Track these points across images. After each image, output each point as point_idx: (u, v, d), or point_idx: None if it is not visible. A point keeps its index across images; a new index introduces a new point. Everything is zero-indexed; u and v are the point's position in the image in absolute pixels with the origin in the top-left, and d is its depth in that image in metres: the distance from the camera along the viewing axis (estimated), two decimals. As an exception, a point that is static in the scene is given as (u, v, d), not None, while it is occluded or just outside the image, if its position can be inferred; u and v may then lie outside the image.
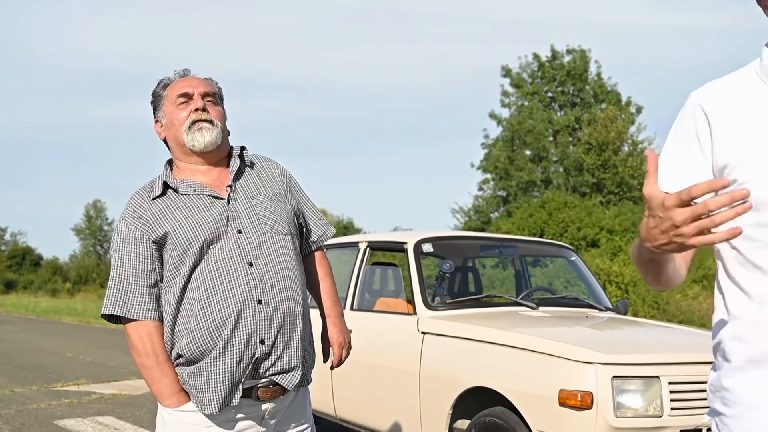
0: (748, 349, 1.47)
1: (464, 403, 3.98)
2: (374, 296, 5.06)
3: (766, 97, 1.50)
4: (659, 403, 3.44)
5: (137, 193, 2.27)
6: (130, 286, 2.18)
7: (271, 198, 2.30)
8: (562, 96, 32.30)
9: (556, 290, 5.83)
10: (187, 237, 2.15)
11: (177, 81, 2.31)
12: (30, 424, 6.51)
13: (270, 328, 2.16)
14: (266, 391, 2.18)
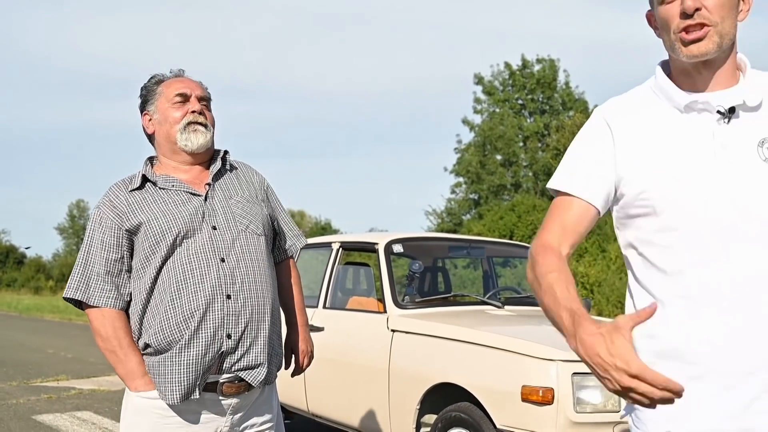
0: (656, 344, 1.54)
1: (431, 399, 3.98)
2: (346, 295, 5.06)
3: (660, 112, 1.57)
4: (617, 399, 3.46)
5: (116, 184, 2.27)
6: (93, 273, 2.17)
7: (248, 200, 2.31)
8: (532, 103, 32.52)
9: (523, 290, 5.85)
10: (161, 228, 2.14)
11: (173, 80, 2.30)
12: (8, 418, 6.44)
13: (238, 323, 2.15)
14: (231, 387, 2.17)
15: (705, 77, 1.54)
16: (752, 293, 1.49)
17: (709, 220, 1.50)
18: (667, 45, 1.54)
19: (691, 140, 1.52)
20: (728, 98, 1.53)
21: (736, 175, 1.50)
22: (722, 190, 1.50)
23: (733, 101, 1.51)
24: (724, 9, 1.47)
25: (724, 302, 1.49)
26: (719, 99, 1.53)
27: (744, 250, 1.49)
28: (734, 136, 1.51)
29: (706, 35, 1.46)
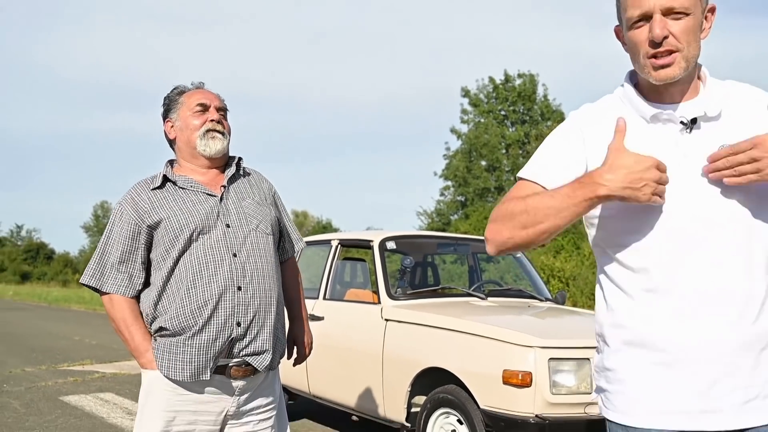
0: (625, 334, 1.55)
1: (421, 382, 3.98)
2: (344, 287, 5.06)
3: (636, 128, 1.55)
4: (589, 382, 3.46)
5: (138, 183, 2.27)
6: (108, 263, 2.18)
7: (258, 202, 2.31)
8: (514, 114, 32.54)
9: (504, 283, 5.85)
10: (180, 224, 2.15)
11: (194, 91, 2.31)
12: (38, 399, 6.42)
13: (247, 312, 2.15)
14: (239, 370, 2.17)
15: (670, 92, 1.54)
16: (713, 290, 1.49)
17: (673, 224, 1.50)
18: (636, 66, 1.53)
19: (656, 149, 1.50)
20: (690, 110, 1.52)
21: (698, 182, 1.49)
22: (685, 196, 1.49)
23: (695, 113, 1.51)
24: (690, 35, 1.46)
25: (687, 296, 1.49)
26: (682, 111, 1.53)
27: (706, 252, 1.48)
28: (696, 145, 1.50)
29: (674, 61, 1.45)
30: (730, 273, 1.49)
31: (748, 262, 1.49)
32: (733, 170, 1.39)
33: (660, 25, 1.43)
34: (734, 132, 1.50)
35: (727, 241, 1.49)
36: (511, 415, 3.41)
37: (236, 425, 2.24)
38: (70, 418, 5.64)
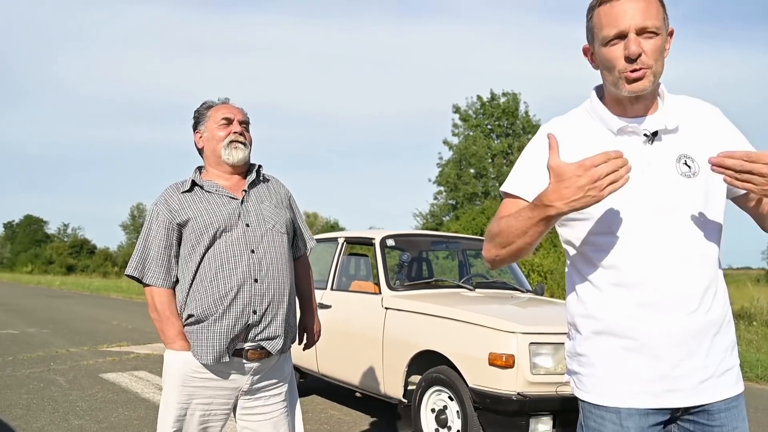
0: (595, 324, 1.55)
1: (417, 363, 3.97)
2: (349, 279, 5.04)
3: (596, 133, 1.56)
4: (565, 364, 3.44)
5: (170, 186, 2.26)
6: (148, 256, 2.17)
7: (275, 205, 2.29)
8: (499, 128, 32.48)
9: (490, 276, 5.82)
10: (205, 224, 2.14)
11: (220, 106, 2.30)
12: (81, 376, 6.41)
13: (262, 302, 2.14)
14: (254, 353, 2.15)
15: (635, 106, 1.53)
16: (675, 285, 1.49)
17: (638, 226, 1.50)
18: (609, 81, 1.51)
19: None
20: (652, 123, 1.52)
21: (660, 188, 1.49)
22: (649, 201, 1.49)
23: (656, 126, 1.51)
24: (657, 53, 1.45)
25: (652, 290, 1.49)
26: (645, 124, 1.52)
27: (668, 251, 1.49)
28: (657, 155, 1.51)
29: (644, 75, 1.45)
30: (689, 269, 1.49)
31: (704, 259, 1.50)
32: (737, 174, 1.36)
33: (635, 43, 1.42)
34: (690, 143, 1.51)
35: (686, 241, 1.49)
36: (495, 393, 3.39)
37: (249, 400, 2.23)
38: (108, 393, 5.63)
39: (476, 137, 31.77)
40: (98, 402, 5.22)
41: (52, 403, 5.13)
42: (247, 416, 2.24)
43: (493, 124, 32.52)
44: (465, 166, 31.51)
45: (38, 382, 6.05)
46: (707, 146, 1.50)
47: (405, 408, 4.03)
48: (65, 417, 4.69)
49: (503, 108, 32.21)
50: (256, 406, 2.23)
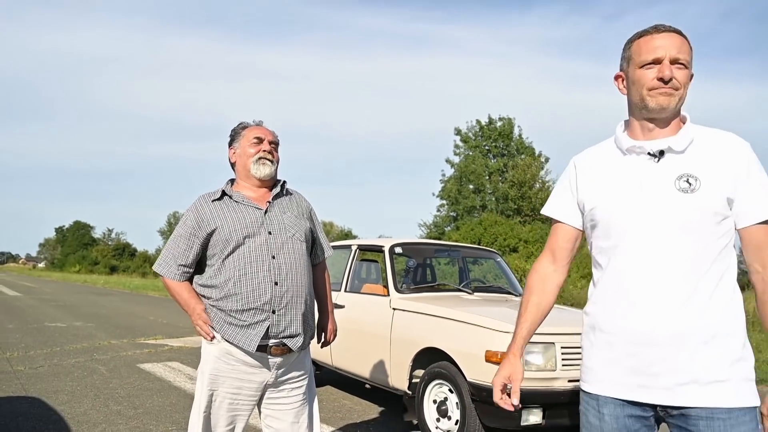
0: (589, 320, 1.62)
1: (420, 359, 3.93)
2: (361, 282, 5.02)
3: (610, 154, 1.62)
4: (554, 361, 3.40)
5: (202, 196, 2.26)
6: (173, 256, 2.18)
7: (297, 216, 2.28)
8: (495, 149, 32.45)
9: (487, 281, 5.78)
10: (231, 230, 2.13)
11: (254, 127, 2.30)
12: (120, 366, 6.40)
13: (281, 302, 2.12)
14: (277, 349, 2.14)
15: (653, 131, 1.56)
16: (655, 290, 1.47)
17: (632, 233, 1.52)
18: (636, 98, 1.55)
19: (627, 174, 1.56)
20: (659, 144, 1.54)
21: (657, 202, 1.50)
22: (646, 213, 1.50)
23: (662, 146, 1.53)
24: (684, 81, 1.51)
25: (633, 292, 1.49)
26: (653, 145, 1.54)
27: (655, 257, 1.48)
28: (659, 172, 1.52)
29: (672, 94, 1.50)
30: (673, 277, 1.47)
31: (693, 269, 1.47)
32: None
33: (669, 68, 1.49)
34: (696, 163, 1.50)
35: (675, 250, 1.47)
36: (491, 387, 3.35)
37: (274, 392, 2.21)
38: (145, 381, 5.61)
39: (475, 157, 31.75)
40: (135, 389, 5.21)
41: (94, 390, 5.12)
42: (271, 405, 2.23)
43: (490, 145, 32.49)
44: (465, 182, 31.46)
45: (82, 370, 6.05)
46: (715, 170, 1.48)
47: (410, 399, 3.99)
48: (105, 403, 4.68)
49: (499, 131, 32.19)
50: (281, 397, 2.22)
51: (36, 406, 4.48)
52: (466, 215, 30.37)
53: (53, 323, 10.73)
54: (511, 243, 23.21)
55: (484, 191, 31.18)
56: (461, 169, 31.59)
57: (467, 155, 32.32)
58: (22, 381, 5.38)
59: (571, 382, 3.42)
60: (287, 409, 2.23)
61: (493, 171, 31.41)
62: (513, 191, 29.11)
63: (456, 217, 31.52)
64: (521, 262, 19.40)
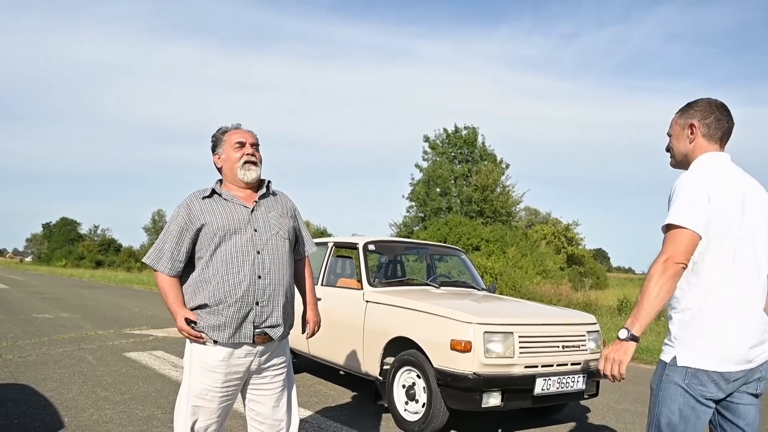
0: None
1: (391, 347, 3.97)
2: (337, 277, 5.02)
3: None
4: (513, 349, 3.47)
5: (193, 193, 2.24)
6: (164, 249, 2.16)
7: (281, 214, 2.27)
8: (460, 155, 32.71)
9: (452, 276, 5.85)
10: (218, 227, 2.12)
11: (234, 131, 2.27)
12: (107, 354, 6.27)
13: (263, 295, 2.12)
14: (259, 338, 2.14)
15: None
16: None
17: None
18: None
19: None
20: None
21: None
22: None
23: None
24: (672, 145, 1.98)
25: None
26: None
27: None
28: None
29: None
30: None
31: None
32: None
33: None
34: None
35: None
36: (455, 372, 3.41)
37: (257, 378, 2.21)
38: (131, 369, 5.52)
39: (442, 162, 31.96)
40: (122, 377, 5.12)
41: (81, 377, 5.01)
42: (254, 391, 2.23)
43: (456, 152, 32.76)
44: (432, 185, 31.65)
45: (70, 359, 5.91)
46: None
47: (381, 384, 4.02)
48: (93, 389, 4.59)
49: (464, 139, 32.48)
50: (263, 384, 2.22)
51: (25, 392, 4.37)
52: (433, 216, 30.56)
53: (41, 314, 10.44)
54: (474, 242, 23.45)
55: (450, 194, 31.43)
56: (429, 173, 31.77)
57: (435, 161, 32.52)
58: (11, 369, 5.23)
59: (528, 368, 3.50)
60: (269, 395, 2.23)
61: (458, 176, 31.67)
62: (476, 194, 29.43)
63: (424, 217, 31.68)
64: (483, 260, 19.60)
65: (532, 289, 16.59)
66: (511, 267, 19.78)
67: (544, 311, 4.07)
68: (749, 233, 1.76)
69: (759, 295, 1.77)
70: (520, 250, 22.59)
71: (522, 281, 17.42)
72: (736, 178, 1.79)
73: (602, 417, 4.40)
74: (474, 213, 29.52)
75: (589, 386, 3.79)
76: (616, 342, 1.70)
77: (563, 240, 35.02)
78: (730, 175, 1.79)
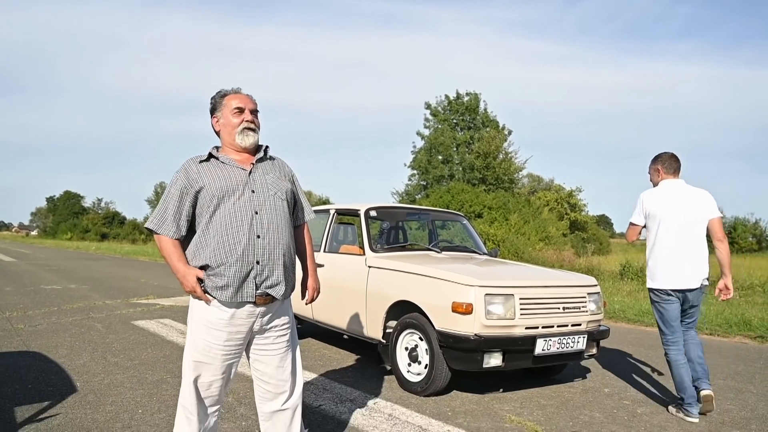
0: None
1: (393, 311, 4.02)
2: (339, 243, 5.06)
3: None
4: (513, 311, 3.52)
5: (191, 158, 2.24)
6: (166, 214, 2.17)
7: (278, 177, 2.28)
8: (462, 122, 32.43)
9: (453, 241, 5.88)
10: (216, 189, 2.13)
11: (233, 95, 2.26)
12: (115, 323, 6.38)
13: (263, 254, 2.14)
14: (261, 298, 2.16)
15: None
16: None
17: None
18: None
19: None
20: None
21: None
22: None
23: None
24: None
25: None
26: None
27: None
28: None
29: None
30: None
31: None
32: None
33: None
34: None
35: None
36: (457, 334, 3.47)
37: (260, 338, 2.25)
38: (139, 336, 5.62)
39: (444, 129, 31.70)
40: (130, 344, 5.22)
41: (92, 345, 5.12)
42: (258, 351, 2.26)
43: (458, 119, 32.46)
44: (434, 153, 31.47)
45: (79, 327, 6.02)
46: None
47: (384, 347, 4.09)
48: (103, 355, 4.69)
49: (466, 105, 32.14)
50: (267, 344, 2.26)
51: (38, 359, 4.47)
52: (435, 184, 30.49)
53: (49, 286, 10.57)
54: (477, 209, 23.46)
55: (452, 162, 31.28)
56: (431, 141, 31.56)
57: (436, 128, 32.25)
58: (22, 338, 5.34)
59: (528, 329, 3.55)
60: (273, 355, 2.27)
61: (460, 143, 31.46)
62: (478, 162, 29.28)
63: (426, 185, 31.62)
64: (485, 227, 19.64)
65: (535, 255, 16.66)
66: (514, 234, 19.83)
67: (546, 274, 4.10)
68: (681, 218, 3.42)
69: (686, 250, 3.40)
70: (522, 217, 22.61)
71: (525, 248, 17.48)
72: (681, 191, 3.47)
73: (602, 377, 4.49)
74: (476, 180, 29.43)
75: (589, 346, 3.85)
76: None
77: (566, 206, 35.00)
78: (676, 190, 3.49)
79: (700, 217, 3.37)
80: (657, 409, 3.62)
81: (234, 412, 3.28)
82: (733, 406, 3.75)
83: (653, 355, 5.35)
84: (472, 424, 3.16)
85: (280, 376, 2.28)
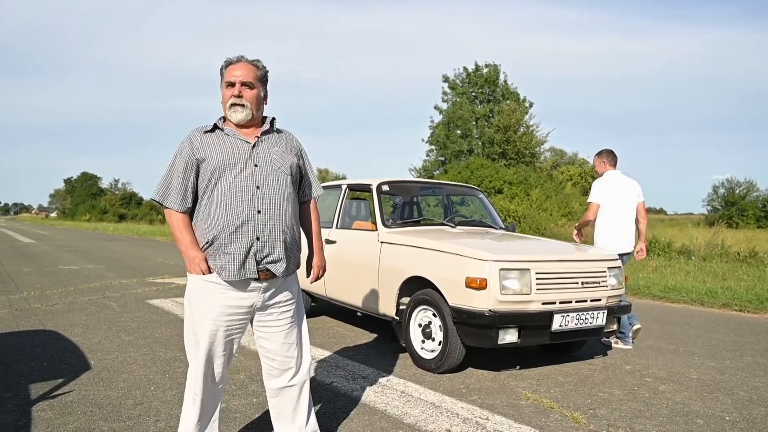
0: None
1: (407, 287, 4.01)
2: (352, 219, 5.04)
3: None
4: (529, 286, 3.47)
5: (195, 129, 2.21)
6: (171, 185, 2.15)
7: (284, 151, 2.24)
8: (482, 95, 32.00)
9: (469, 216, 5.82)
10: (219, 161, 2.11)
11: (231, 66, 2.20)
12: (131, 302, 6.50)
13: (264, 230, 2.12)
14: (262, 274, 2.15)
15: None
16: None
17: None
18: None
19: None
20: None
21: None
22: None
23: None
24: None
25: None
26: None
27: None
28: None
29: None
30: None
31: None
32: None
33: None
34: None
35: None
36: (471, 310, 3.44)
37: (263, 315, 2.23)
38: (154, 315, 5.71)
39: (462, 103, 31.33)
40: (145, 322, 5.31)
41: (106, 323, 5.22)
42: (262, 327, 2.26)
43: (477, 92, 32.03)
44: (453, 127, 31.19)
45: (95, 306, 6.14)
46: None
47: (397, 324, 4.09)
48: (118, 334, 4.78)
49: (486, 77, 31.67)
50: (270, 320, 2.24)
51: (53, 337, 4.57)
52: (453, 159, 30.27)
53: (67, 266, 10.81)
54: (497, 185, 23.25)
55: (471, 136, 30.97)
56: (449, 115, 31.25)
57: (455, 102, 31.90)
58: (39, 317, 5.46)
59: (545, 304, 3.51)
60: (277, 331, 2.26)
61: (479, 116, 31.09)
62: (498, 135, 28.93)
63: (444, 161, 31.42)
64: (506, 203, 19.48)
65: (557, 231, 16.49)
66: (535, 210, 19.64)
67: (564, 248, 4.03)
68: (622, 201, 4.56)
69: (625, 224, 4.53)
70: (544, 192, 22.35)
71: (546, 224, 17.32)
72: (620, 180, 4.61)
73: (624, 354, 4.43)
74: (496, 155, 29.12)
75: (609, 322, 3.80)
76: None
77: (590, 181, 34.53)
78: (618, 179, 4.60)
79: (633, 200, 4.65)
80: (680, 386, 3.57)
81: (245, 389, 3.31)
82: (761, 383, 3.68)
83: (679, 332, 5.26)
84: (486, 401, 3.15)
85: (285, 353, 2.27)
